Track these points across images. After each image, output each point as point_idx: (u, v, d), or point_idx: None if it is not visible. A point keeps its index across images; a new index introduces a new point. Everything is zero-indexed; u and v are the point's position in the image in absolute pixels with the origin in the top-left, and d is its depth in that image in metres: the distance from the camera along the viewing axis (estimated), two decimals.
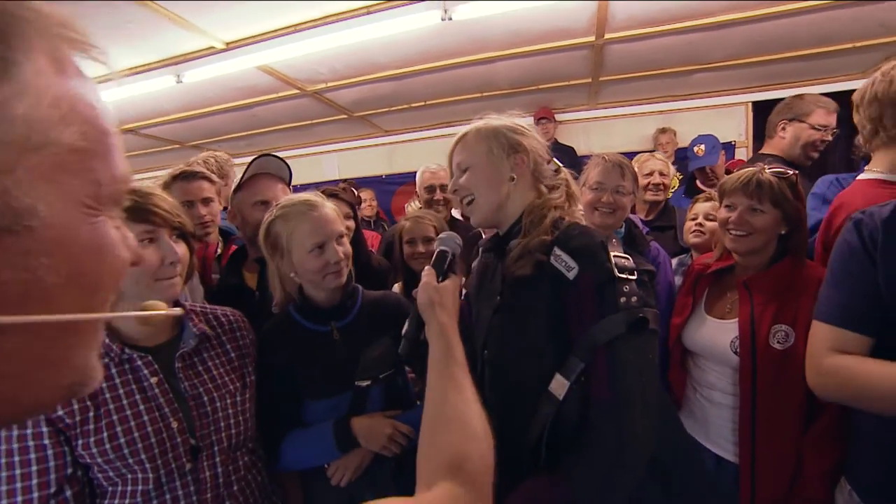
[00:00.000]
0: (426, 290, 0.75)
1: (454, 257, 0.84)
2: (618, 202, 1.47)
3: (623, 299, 0.72)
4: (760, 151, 1.95)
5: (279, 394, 1.01)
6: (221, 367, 0.93)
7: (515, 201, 0.88)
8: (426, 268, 0.80)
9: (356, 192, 4.08)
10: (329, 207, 1.06)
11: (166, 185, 1.38)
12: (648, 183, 2.11)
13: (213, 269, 1.50)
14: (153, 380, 0.81)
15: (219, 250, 1.57)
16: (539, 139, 0.91)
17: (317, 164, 4.85)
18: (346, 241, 1.07)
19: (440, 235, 0.88)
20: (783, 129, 1.85)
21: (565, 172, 0.92)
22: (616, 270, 0.74)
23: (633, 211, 1.95)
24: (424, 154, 4.34)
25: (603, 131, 4.01)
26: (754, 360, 1.09)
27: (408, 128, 4.46)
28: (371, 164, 4.72)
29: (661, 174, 2.11)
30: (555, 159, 0.92)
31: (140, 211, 0.81)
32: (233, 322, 1.00)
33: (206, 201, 1.45)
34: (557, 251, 0.79)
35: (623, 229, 1.53)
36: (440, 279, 0.78)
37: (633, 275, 0.75)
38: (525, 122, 0.93)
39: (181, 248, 0.86)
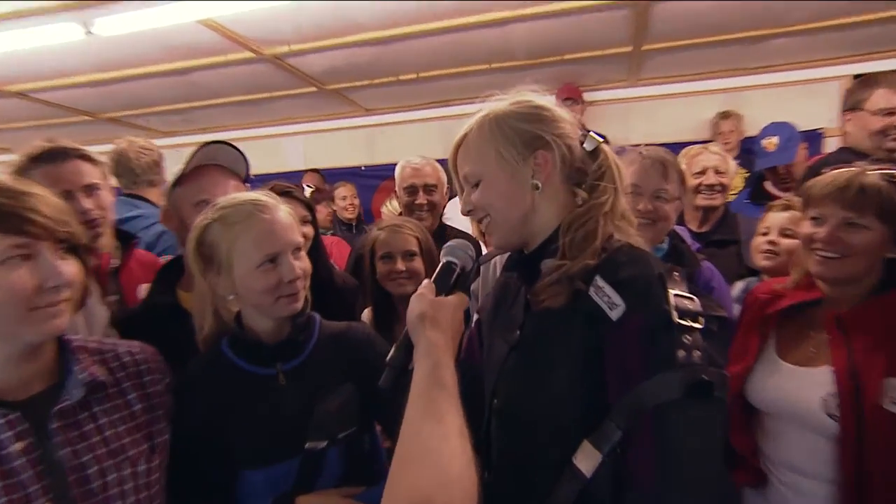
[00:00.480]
0: (419, 301, 0.82)
1: (464, 273, 0.89)
2: (658, 210, 1.48)
3: (682, 353, 0.73)
4: (841, 147, 1.99)
5: (202, 459, 1.00)
6: (120, 425, 0.89)
7: (545, 212, 0.90)
8: (425, 281, 0.86)
9: (327, 188, 4.07)
10: (284, 210, 1.07)
11: (23, 170, 1.27)
12: (700, 184, 2.10)
13: (109, 287, 1.43)
14: (16, 446, 0.76)
15: (115, 260, 1.53)
16: (566, 116, 0.93)
17: (275, 149, 4.83)
18: (304, 254, 1.08)
19: (449, 243, 0.92)
20: (848, 120, 1.91)
21: (607, 154, 0.93)
22: (675, 314, 0.75)
23: (680, 221, 1.95)
24: (415, 140, 4.29)
25: (646, 116, 3.98)
26: (861, 425, 1.04)
27: (395, 106, 4.43)
28: (347, 151, 4.71)
29: (718, 172, 2.11)
30: (592, 133, 0.93)
31: (8, 217, 0.77)
32: (140, 362, 0.97)
33: (90, 190, 1.35)
34: (600, 282, 0.80)
35: (666, 244, 1.56)
36: (440, 295, 0.84)
37: (697, 321, 0.76)
38: (546, 99, 0.93)
39: (70, 267, 0.83)
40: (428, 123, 4.35)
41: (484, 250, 1.81)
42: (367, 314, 1.78)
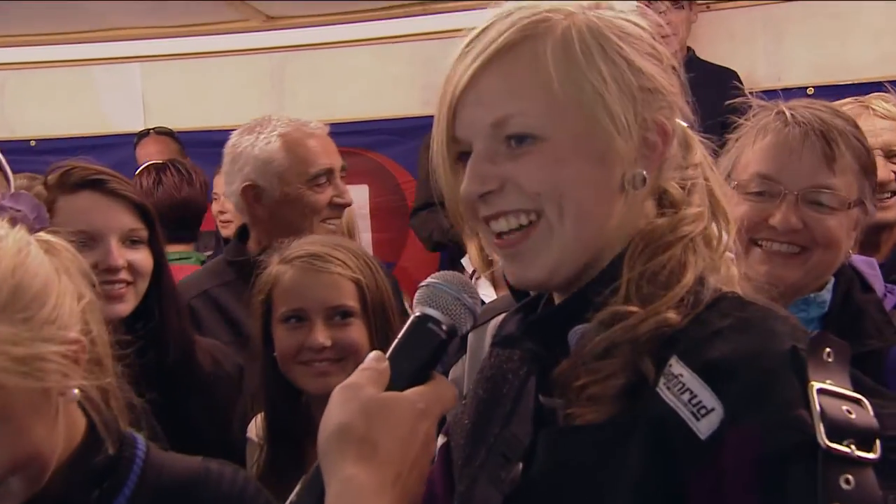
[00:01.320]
0: (344, 400, 0.87)
1: (454, 337, 0.95)
2: (814, 228, 1.54)
3: None
4: None
5: None
6: None
7: (617, 232, 0.97)
8: (372, 354, 0.92)
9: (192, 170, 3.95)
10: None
11: None
12: None
13: None
14: None
15: None
16: (671, 58, 1.01)
17: (82, 90, 4.87)
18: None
19: (430, 280, 0.97)
20: None
21: (700, 151, 1.03)
22: (824, 432, 0.76)
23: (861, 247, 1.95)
24: (363, 80, 4.45)
25: (816, 30, 4.03)
26: None
27: (323, 14, 4.54)
28: (231, 98, 4.76)
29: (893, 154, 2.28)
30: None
31: None
32: None
33: None
34: (676, 366, 0.84)
35: (827, 295, 1.62)
36: (398, 385, 0.89)
37: (870, 448, 0.77)
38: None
39: None
40: (386, 47, 4.45)
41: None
42: (255, 428, 1.80)
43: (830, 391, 0.79)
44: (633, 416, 0.85)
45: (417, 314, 0.94)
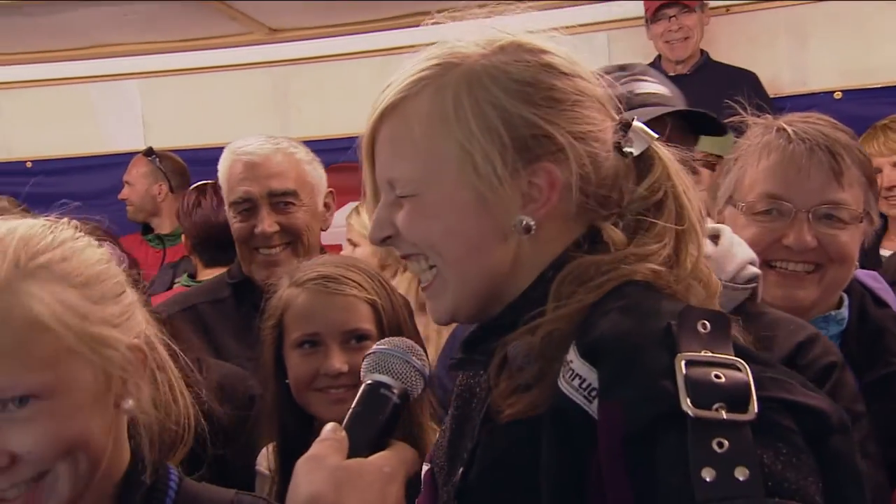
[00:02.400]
0: (310, 470, 0.92)
1: (406, 402, 1.00)
2: (828, 245, 1.56)
3: (710, 474, 0.75)
4: None
5: None
6: None
7: (534, 265, 1.01)
8: (328, 426, 0.96)
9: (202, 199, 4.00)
10: None
11: None
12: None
13: None
14: None
15: None
16: (592, 84, 1.05)
17: (83, 108, 4.90)
18: None
19: (377, 346, 1.03)
20: None
21: (665, 164, 1.04)
22: (690, 401, 0.78)
23: (870, 261, 2.00)
24: (366, 91, 4.31)
25: (843, 32, 4.04)
26: None
27: (327, 25, 4.59)
28: (236, 111, 4.78)
29: None
30: (637, 122, 1.04)
31: None
32: None
33: None
34: (570, 354, 0.88)
35: (845, 312, 1.62)
36: (358, 453, 0.93)
37: (744, 410, 0.78)
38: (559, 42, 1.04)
39: None
40: (393, 59, 4.30)
41: None
42: (266, 457, 1.83)
43: (700, 360, 0.81)
44: (543, 413, 0.88)
45: (368, 382, 0.99)
